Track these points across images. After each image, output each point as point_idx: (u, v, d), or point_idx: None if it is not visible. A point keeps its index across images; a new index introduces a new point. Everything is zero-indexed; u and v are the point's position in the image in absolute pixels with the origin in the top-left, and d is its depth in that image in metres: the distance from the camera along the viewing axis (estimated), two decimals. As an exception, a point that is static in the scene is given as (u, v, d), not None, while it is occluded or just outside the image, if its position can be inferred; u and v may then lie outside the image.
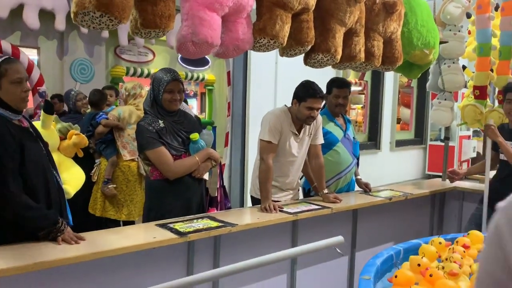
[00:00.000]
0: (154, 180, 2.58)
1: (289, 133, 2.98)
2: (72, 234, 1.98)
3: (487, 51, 3.69)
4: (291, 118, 2.99)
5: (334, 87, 3.33)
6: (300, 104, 2.91)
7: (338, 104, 3.32)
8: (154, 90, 2.56)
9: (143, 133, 2.51)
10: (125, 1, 1.91)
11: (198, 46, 2.21)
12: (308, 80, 3.00)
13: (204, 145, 2.65)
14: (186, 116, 2.71)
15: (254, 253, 2.71)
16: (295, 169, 3.09)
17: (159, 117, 2.56)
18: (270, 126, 2.90)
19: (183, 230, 2.27)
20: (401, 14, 3.00)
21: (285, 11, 2.46)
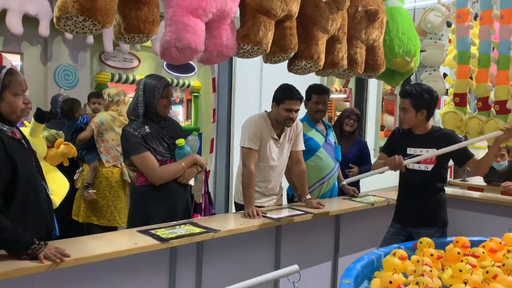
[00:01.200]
0: (140, 186, 2.58)
1: (269, 138, 3.01)
2: (55, 250, 1.88)
3: (466, 59, 3.76)
4: (271, 123, 3.03)
5: (313, 94, 3.39)
6: (279, 107, 2.97)
7: (318, 110, 3.38)
8: (147, 97, 2.57)
9: (128, 138, 2.52)
10: (109, 5, 1.91)
11: (182, 52, 2.22)
12: (286, 83, 3.06)
13: (189, 151, 2.65)
14: (171, 122, 2.73)
15: (237, 259, 2.72)
16: (277, 174, 3.11)
17: (144, 123, 2.56)
18: (250, 133, 2.95)
19: (165, 236, 2.26)
20: (383, 22, 3.05)
21: (268, 18, 2.48)
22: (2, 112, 1.89)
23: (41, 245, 1.86)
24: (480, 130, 3.64)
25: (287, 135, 3.12)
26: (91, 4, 1.84)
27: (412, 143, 2.85)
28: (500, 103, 3.59)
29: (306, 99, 3.43)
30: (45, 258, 1.84)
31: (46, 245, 1.88)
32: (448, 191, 4.17)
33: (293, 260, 2.99)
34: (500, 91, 3.59)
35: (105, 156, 3.96)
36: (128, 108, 2.69)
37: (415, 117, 2.78)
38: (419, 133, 2.83)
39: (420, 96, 2.75)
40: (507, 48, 3.53)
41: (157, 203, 2.57)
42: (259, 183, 3.05)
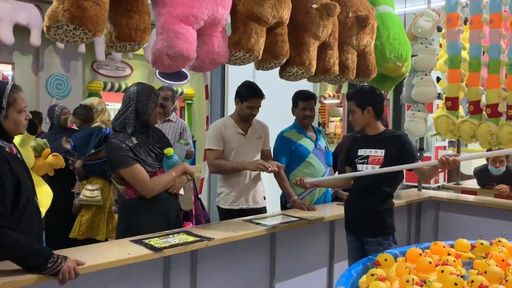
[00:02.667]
0: (129, 199, 2.50)
1: (234, 135, 3.15)
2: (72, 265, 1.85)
3: (457, 64, 3.78)
4: (233, 121, 3.19)
5: (299, 100, 3.42)
6: (242, 104, 3.13)
7: (306, 116, 3.41)
8: (140, 106, 2.48)
9: (115, 151, 2.42)
10: (99, 13, 1.91)
11: (174, 59, 2.22)
12: (248, 81, 3.22)
13: (178, 160, 2.60)
14: (156, 131, 2.67)
15: (232, 267, 2.70)
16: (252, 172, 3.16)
17: (131, 134, 2.48)
18: (210, 136, 3.14)
19: (158, 246, 2.24)
20: (373, 27, 3.07)
21: (260, 24, 2.49)
22: (6, 129, 1.87)
23: (61, 259, 1.84)
24: (473, 134, 3.66)
25: (256, 131, 3.25)
26: (81, 13, 1.83)
27: (363, 144, 2.83)
28: (491, 106, 3.61)
29: (293, 106, 3.46)
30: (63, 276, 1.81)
31: (66, 258, 1.86)
32: (442, 195, 4.21)
33: (288, 267, 3.01)
34: (491, 95, 3.61)
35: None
36: (115, 119, 2.57)
37: (362, 116, 2.76)
38: (371, 134, 2.81)
39: (363, 95, 2.76)
40: (497, 52, 3.56)
41: (149, 215, 2.51)
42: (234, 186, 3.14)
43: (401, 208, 3.92)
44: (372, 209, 2.72)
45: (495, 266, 1.82)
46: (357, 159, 2.80)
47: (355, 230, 2.85)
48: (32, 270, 1.81)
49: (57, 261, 1.82)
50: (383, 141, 2.76)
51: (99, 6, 1.87)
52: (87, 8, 1.83)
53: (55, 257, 1.83)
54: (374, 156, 2.75)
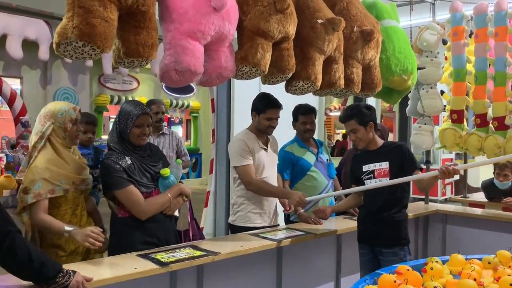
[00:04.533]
0: (122, 217, 2.44)
1: (259, 149, 3.08)
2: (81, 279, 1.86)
3: (463, 76, 3.79)
4: (255, 135, 3.11)
5: (299, 114, 3.43)
6: (259, 116, 3.07)
7: (306, 129, 3.42)
8: (121, 124, 2.43)
9: (110, 172, 2.36)
10: (108, 30, 1.94)
11: (181, 75, 2.24)
12: (264, 92, 3.15)
13: (174, 181, 2.53)
14: (152, 150, 2.60)
15: (238, 282, 2.69)
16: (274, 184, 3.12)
17: (125, 153, 2.42)
18: (238, 151, 2.99)
19: (165, 260, 2.24)
20: (378, 41, 3.09)
21: (266, 39, 2.51)
22: None
23: (70, 273, 1.84)
24: (480, 147, 3.65)
25: (273, 145, 3.21)
26: (90, 30, 1.86)
27: (365, 160, 2.89)
28: (498, 119, 3.60)
29: (293, 120, 3.47)
30: None
31: (75, 273, 1.86)
32: (450, 208, 4.18)
33: (295, 282, 2.99)
34: (498, 108, 3.60)
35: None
36: (108, 136, 2.54)
37: (366, 133, 2.83)
38: (372, 149, 2.88)
39: (362, 113, 2.83)
40: (503, 65, 3.56)
41: (142, 234, 2.44)
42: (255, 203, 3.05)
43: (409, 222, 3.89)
44: (387, 219, 2.78)
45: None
46: (363, 176, 2.86)
47: (369, 242, 2.87)
48: (40, 282, 1.81)
49: (66, 275, 1.83)
50: (386, 153, 2.84)
51: (107, 23, 1.90)
52: (96, 25, 1.86)
53: (65, 271, 1.84)
54: (380, 169, 2.82)
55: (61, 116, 2.39)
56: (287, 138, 3.52)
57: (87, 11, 1.86)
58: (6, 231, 1.72)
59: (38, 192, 2.25)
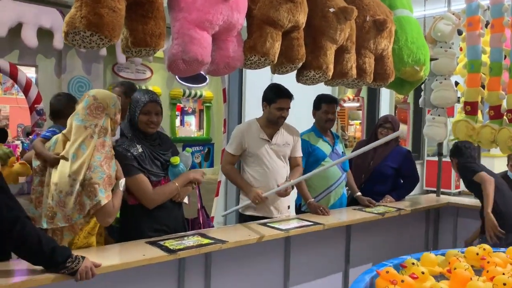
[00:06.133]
0: (132, 205, 2.44)
1: (257, 140, 3.06)
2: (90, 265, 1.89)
3: (477, 68, 3.73)
4: (260, 126, 3.10)
5: (323, 103, 3.41)
6: (270, 106, 3.06)
7: (328, 119, 3.39)
8: (131, 111, 2.46)
9: (120, 159, 2.34)
10: (115, 20, 1.94)
11: (189, 64, 2.24)
12: (275, 83, 3.14)
13: (184, 169, 2.54)
14: (162, 138, 2.61)
15: (246, 270, 2.71)
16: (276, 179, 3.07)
17: (136, 141, 2.44)
18: (232, 138, 3.13)
19: (173, 248, 2.26)
20: (391, 31, 3.04)
21: (275, 29, 2.49)
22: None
23: (79, 259, 1.87)
24: (493, 139, 3.60)
25: (283, 138, 3.14)
26: (98, 20, 1.87)
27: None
28: (512, 111, 3.54)
29: (314, 109, 3.45)
30: (81, 276, 1.85)
31: (84, 258, 1.89)
32: (461, 201, 4.13)
33: (303, 272, 3.00)
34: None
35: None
36: (122, 123, 2.54)
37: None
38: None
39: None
40: (519, 56, 3.50)
41: (150, 222, 2.47)
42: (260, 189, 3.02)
43: (420, 214, 3.87)
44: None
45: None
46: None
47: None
48: (51, 267, 1.84)
49: (76, 260, 1.86)
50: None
51: (115, 12, 1.90)
52: (103, 15, 1.86)
53: (74, 256, 1.87)
54: None
55: (113, 107, 2.24)
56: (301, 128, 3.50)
57: (95, 1, 1.86)
58: (15, 217, 1.75)
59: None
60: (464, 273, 1.82)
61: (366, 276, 2.05)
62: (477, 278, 1.76)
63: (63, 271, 1.84)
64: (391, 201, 3.70)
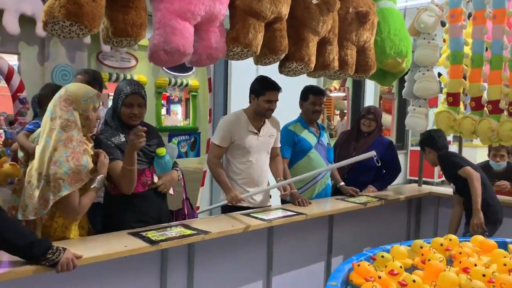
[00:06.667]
0: (115, 195, 2.44)
1: (246, 133, 3.06)
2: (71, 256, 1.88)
3: (460, 59, 3.76)
4: (247, 118, 3.09)
5: (310, 94, 3.41)
6: (258, 99, 3.04)
7: (315, 110, 3.41)
8: (114, 102, 2.44)
9: (102, 147, 2.34)
10: (95, 9, 1.92)
11: (170, 55, 2.23)
12: (262, 75, 3.12)
13: (170, 160, 2.53)
14: (147, 127, 2.53)
15: (229, 261, 2.73)
16: (260, 170, 3.12)
17: (119, 130, 2.42)
18: (220, 129, 3.08)
19: (155, 239, 2.27)
20: (374, 23, 3.06)
21: (258, 20, 2.49)
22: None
23: (60, 250, 1.87)
24: (474, 130, 3.64)
25: (269, 130, 3.16)
26: (77, 9, 1.85)
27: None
28: (492, 102, 3.58)
29: (302, 100, 3.47)
30: (62, 267, 1.85)
31: (65, 250, 1.89)
32: (442, 190, 4.20)
33: (285, 261, 3.04)
34: (493, 91, 3.58)
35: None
36: (106, 112, 2.54)
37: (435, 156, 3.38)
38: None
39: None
40: (500, 48, 3.53)
41: (134, 212, 2.46)
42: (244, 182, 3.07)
43: (402, 203, 3.93)
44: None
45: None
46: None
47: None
48: (31, 260, 1.84)
49: (56, 252, 1.86)
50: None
51: (95, 2, 1.88)
52: (83, 4, 1.85)
53: (55, 248, 1.86)
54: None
55: (85, 102, 2.14)
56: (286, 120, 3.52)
57: (74, -10, 1.85)
58: None
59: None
60: (438, 265, 1.85)
61: (346, 266, 2.09)
62: (449, 268, 1.80)
63: (44, 263, 1.84)
64: (374, 191, 3.75)
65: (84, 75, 2.90)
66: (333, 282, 1.89)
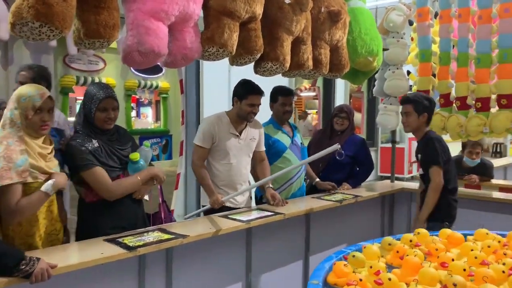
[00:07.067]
0: (90, 202, 2.38)
1: (227, 135, 3.03)
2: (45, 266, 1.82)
3: (428, 57, 3.86)
4: (229, 120, 3.06)
5: (279, 95, 3.42)
6: (241, 102, 3.02)
7: (286, 111, 3.42)
8: (86, 107, 2.36)
9: (75, 154, 2.29)
10: (66, 10, 1.86)
11: (145, 56, 2.19)
12: (245, 79, 3.10)
13: (144, 165, 2.47)
14: (120, 133, 2.53)
15: (208, 264, 2.71)
16: (240, 173, 3.10)
17: (91, 136, 2.36)
18: (202, 132, 3.02)
19: (132, 244, 2.22)
20: (346, 22, 3.09)
21: (233, 19, 2.48)
22: None
23: (34, 261, 1.80)
24: (443, 126, 3.75)
25: (250, 133, 3.14)
26: (47, 10, 1.78)
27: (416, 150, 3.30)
28: (460, 99, 3.70)
29: (271, 101, 3.47)
30: (36, 278, 1.78)
31: (39, 260, 1.82)
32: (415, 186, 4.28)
33: (264, 262, 3.03)
34: (460, 88, 3.69)
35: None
36: (75, 117, 2.45)
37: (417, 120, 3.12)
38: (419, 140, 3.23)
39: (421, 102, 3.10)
40: (465, 46, 3.64)
41: (110, 219, 2.40)
42: (224, 184, 3.05)
43: (375, 200, 3.99)
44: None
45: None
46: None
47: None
48: (3, 271, 1.77)
49: (30, 262, 1.79)
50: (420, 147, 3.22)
51: (65, 2, 1.82)
52: (53, 4, 1.78)
53: (28, 258, 1.80)
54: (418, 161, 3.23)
55: (24, 101, 2.08)
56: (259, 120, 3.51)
57: (44, -11, 1.78)
58: None
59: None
60: (415, 260, 1.83)
61: (326, 264, 2.10)
62: (429, 264, 1.80)
63: (17, 274, 1.77)
64: (348, 188, 3.79)
65: (28, 71, 2.70)
66: (314, 280, 1.89)
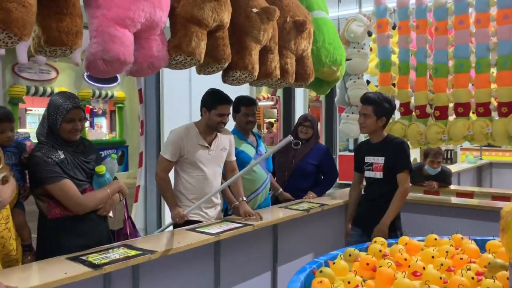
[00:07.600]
0: (52, 218, 2.28)
1: (197, 147, 2.97)
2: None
3: (388, 67, 3.96)
4: (199, 131, 3.00)
5: (242, 106, 3.39)
6: (210, 112, 2.97)
7: (249, 121, 3.40)
8: (50, 118, 2.28)
9: (41, 165, 2.20)
10: (26, 16, 1.74)
11: (110, 64, 2.09)
12: (213, 88, 3.06)
13: (110, 178, 2.40)
14: (85, 145, 2.45)
15: (176, 279, 2.61)
16: (212, 184, 3.03)
17: (57, 148, 2.28)
18: (169, 144, 2.96)
19: (97, 262, 2.11)
20: (310, 32, 3.11)
21: (200, 27, 2.42)
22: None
23: None
24: (404, 134, 3.85)
25: (221, 143, 3.09)
26: (5, 15, 1.66)
27: (367, 152, 3.22)
28: (420, 108, 3.81)
29: (234, 112, 3.42)
30: None
31: None
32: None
33: (233, 274, 2.97)
34: (419, 97, 3.81)
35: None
36: (37, 128, 2.36)
37: (375, 123, 3.10)
38: (374, 142, 3.19)
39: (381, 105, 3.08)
40: (423, 56, 3.77)
41: (75, 238, 2.30)
42: (195, 197, 2.97)
43: (340, 208, 4.02)
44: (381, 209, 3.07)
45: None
46: (365, 166, 3.21)
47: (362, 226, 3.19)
48: None
49: None
50: (384, 149, 3.13)
51: (25, 8, 1.71)
52: (11, 10, 1.66)
53: None
54: (376, 163, 3.16)
55: None
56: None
57: (1, -6, 1.66)
58: None
59: None
60: (388, 271, 1.78)
61: (301, 275, 2.07)
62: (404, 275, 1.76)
63: None
64: (314, 196, 3.81)
65: None
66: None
